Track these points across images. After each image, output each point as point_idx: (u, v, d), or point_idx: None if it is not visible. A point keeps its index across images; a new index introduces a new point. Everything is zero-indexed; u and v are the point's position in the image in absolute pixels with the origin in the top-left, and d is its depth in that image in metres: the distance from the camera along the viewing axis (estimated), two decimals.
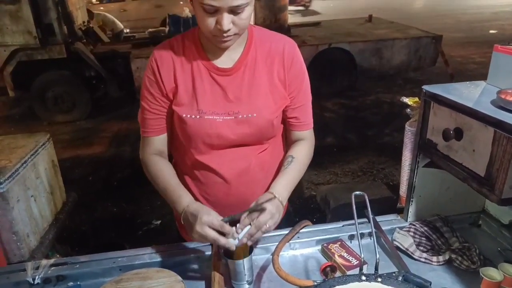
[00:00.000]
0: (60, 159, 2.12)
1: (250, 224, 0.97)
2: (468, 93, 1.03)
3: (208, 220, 0.97)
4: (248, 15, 0.98)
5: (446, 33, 6.60)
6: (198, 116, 1.08)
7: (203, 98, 1.09)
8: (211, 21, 0.97)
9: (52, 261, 1.13)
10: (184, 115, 1.09)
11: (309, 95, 1.20)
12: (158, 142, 1.17)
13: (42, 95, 5.45)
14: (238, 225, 0.98)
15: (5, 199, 1.46)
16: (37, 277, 1.08)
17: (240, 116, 1.09)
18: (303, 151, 1.20)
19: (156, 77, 1.09)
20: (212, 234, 0.96)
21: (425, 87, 1.08)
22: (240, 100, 1.09)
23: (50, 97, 5.48)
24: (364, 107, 5.58)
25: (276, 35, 1.16)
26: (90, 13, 6.71)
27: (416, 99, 1.18)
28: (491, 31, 10.44)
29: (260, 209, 0.98)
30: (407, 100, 1.20)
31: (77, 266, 1.12)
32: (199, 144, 1.13)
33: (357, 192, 0.97)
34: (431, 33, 6.32)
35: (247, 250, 1.04)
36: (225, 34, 0.98)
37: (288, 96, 1.14)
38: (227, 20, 0.95)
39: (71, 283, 1.08)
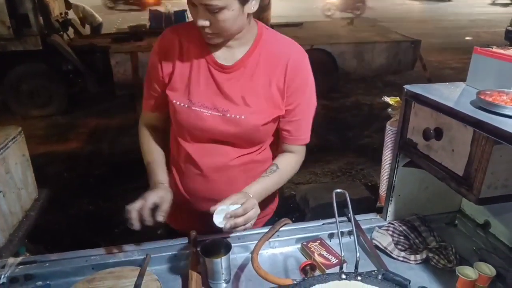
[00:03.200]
0: (34, 155, 2.04)
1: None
2: (449, 94, 1.04)
3: (137, 204, 1.02)
4: (226, 18, 0.96)
5: (424, 38, 6.76)
6: (187, 105, 1.08)
7: (196, 89, 1.08)
8: (194, 14, 0.98)
9: (19, 259, 1.07)
10: (174, 101, 1.10)
11: (310, 110, 1.17)
12: (150, 117, 1.23)
13: (16, 88, 5.26)
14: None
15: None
16: (2, 276, 1.02)
17: (228, 115, 1.08)
18: (288, 163, 1.18)
19: (157, 58, 1.11)
20: (131, 214, 1.00)
21: (407, 87, 1.09)
22: (232, 99, 1.08)
23: (25, 91, 5.29)
24: (344, 108, 5.64)
25: (286, 41, 1.13)
26: (68, 4, 6.50)
27: (398, 99, 1.19)
28: (467, 38, 10.79)
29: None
30: (389, 100, 1.20)
31: (47, 264, 1.07)
32: (185, 133, 1.14)
33: (338, 190, 0.97)
34: (410, 38, 6.45)
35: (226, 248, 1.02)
36: (203, 31, 0.99)
37: (285, 107, 1.11)
38: (201, 16, 0.96)
39: (39, 283, 1.03)
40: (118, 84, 5.52)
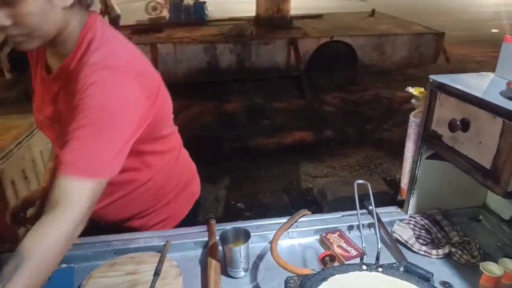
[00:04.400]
0: None
1: None
2: (476, 84, 1.01)
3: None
4: (30, 11, 0.76)
5: (447, 30, 6.56)
6: (41, 119, 1.03)
7: (39, 102, 1.02)
8: None
9: None
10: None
11: (94, 138, 0.80)
12: None
13: None
14: None
15: None
16: None
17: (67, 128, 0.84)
18: (41, 238, 0.73)
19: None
20: None
21: (432, 77, 1.06)
22: (63, 112, 0.93)
23: None
24: (363, 101, 5.55)
25: (102, 44, 0.88)
26: None
27: (422, 89, 1.16)
28: (493, 31, 10.41)
29: None
30: (413, 91, 1.17)
31: (71, 248, 1.09)
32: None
33: (360, 181, 0.95)
34: (434, 30, 6.28)
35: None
36: (9, 36, 0.80)
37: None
38: None
39: (64, 265, 1.06)
40: None
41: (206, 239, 1.13)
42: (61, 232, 0.73)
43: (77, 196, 0.75)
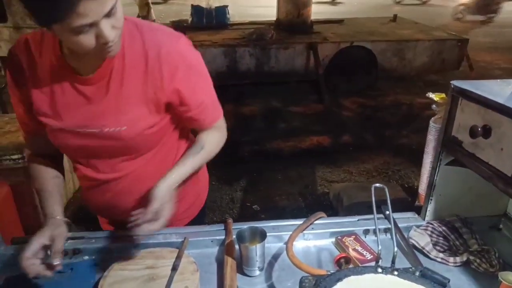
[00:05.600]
0: None
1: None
2: (499, 90, 1.00)
3: (26, 253, 0.89)
4: (120, 13, 0.83)
5: (472, 37, 6.43)
6: (60, 128, 0.98)
7: (65, 110, 0.96)
8: (89, 40, 0.80)
9: (69, 234, 1.14)
10: (48, 125, 0.98)
11: (208, 90, 1.06)
12: (34, 142, 1.11)
13: None
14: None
15: (27, 173, 1.49)
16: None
17: (106, 130, 0.96)
18: (213, 141, 1.10)
19: (10, 81, 0.98)
20: (22, 265, 0.88)
21: (454, 82, 1.05)
22: (106, 112, 0.95)
23: None
24: (382, 107, 5.49)
25: (152, 30, 0.96)
26: None
27: (443, 95, 1.15)
28: None
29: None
30: (433, 96, 1.17)
31: (93, 241, 1.13)
32: (71, 155, 1.09)
33: (377, 185, 0.95)
34: (457, 36, 6.17)
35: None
36: (110, 44, 0.82)
37: (178, 105, 1.00)
38: (107, 29, 0.79)
39: (86, 257, 1.10)
40: None
41: (223, 237, 1.15)
42: (220, 136, 1.14)
43: (224, 125, 1.15)
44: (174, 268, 1.00)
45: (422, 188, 1.26)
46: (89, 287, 0.99)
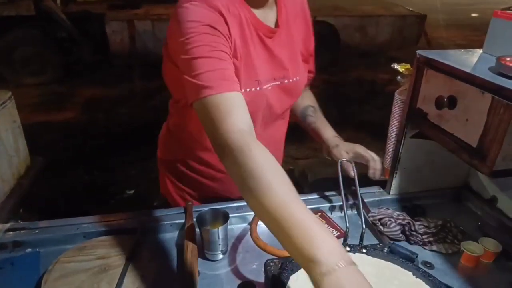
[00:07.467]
0: (28, 124, 1.98)
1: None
2: (465, 60, 0.97)
3: None
4: None
5: (428, 13, 6.56)
6: (258, 88, 0.91)
7: (259, 63, 0.90)
8: None
9: (8, 225, 1.03)
10: (243, 90, 0.86)
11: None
12: (241, 102, 0.75)
13: (9, 55, 5.11)
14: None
15: None
16: None
17: (286, 81, 0.98)
18: (314, 99, 1.22)
19: (211, 31, 0.77)
20: None
21: (419, 52, 1.02)
22: (283, 63, 0.97)
23: (18, 58, 5.15)
24: (345, 83, 5.54)
25: None
26: None
27: (408, 65, 1.12)
28: (473, 15, 10.53)
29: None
30: (398, 67, 1.13)
31: (36, 232, 1.02)
32: None
33: (344, 160, 0.91)
34: (416, 12, 6.27)
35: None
36: None
37: (308, 51, 1.08)
38: None
39: (29, 250, 0.99)
40: (114, 53, 5.37)
41: (183, 221, 1.08)
42: None
43: None
44: (129, 257, 0.92)
45: (387, 162, 1.25)
46: (33, 283, 0.88)
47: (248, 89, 0.88)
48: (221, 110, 0.69)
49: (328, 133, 1.18)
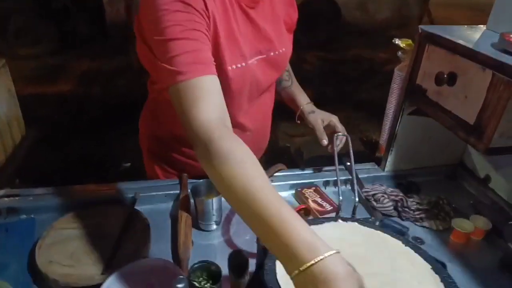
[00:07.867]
0: (23, 95, 1.95)
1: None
2: (467, 36, 0.96)
3: None
4: None
5: None
6: (243, 64, 0.87)
7: (243, 36, 0.86)
8: None
9: (3, 191, 1.02)
10: (229, 67, 0.84)
11: None
12: (215, 86, 0.72)
13: (2, 26, 4.98)
14: None
15: None
16: None
17: (272, 53, 0.94)
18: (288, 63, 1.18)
19: (193, 3, 0.73)
20: None
21: (422, 27, 1.00)
22: (268, 34, 0.92)
23: (11, 29, 5.01)
24: (344, 61, 5.47)
25: None
26: None
27: (409, 41, 1.10)
28: None
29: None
30: (400, 42, 1.11)
31: (31, 198, 1.02)
32: (234, 102, 0.92)
33: (340, 134, 0.91)
34: None
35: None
36: None
37: (291, 19, 1.02)
38: None
39: (23, 216, 0.99)
40: (110, 25, 5.26)
41: (178, 191, 1.08)
42: None
43: None
44: (123, 226, 0.93)
45: (383, 138, 1.25)
46: (27, 249, 0.89)
47: (234, 66, 0.85)
48: (189, 98, 0.67)
49: (303, 98, 1.18)
